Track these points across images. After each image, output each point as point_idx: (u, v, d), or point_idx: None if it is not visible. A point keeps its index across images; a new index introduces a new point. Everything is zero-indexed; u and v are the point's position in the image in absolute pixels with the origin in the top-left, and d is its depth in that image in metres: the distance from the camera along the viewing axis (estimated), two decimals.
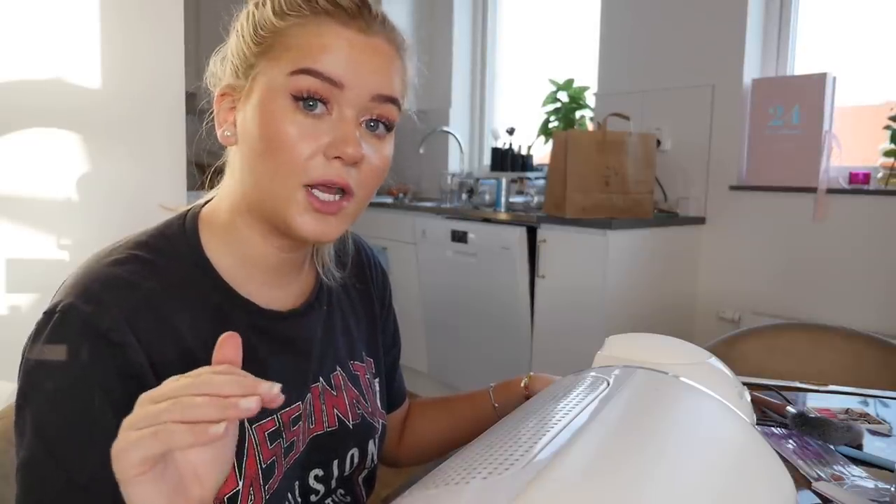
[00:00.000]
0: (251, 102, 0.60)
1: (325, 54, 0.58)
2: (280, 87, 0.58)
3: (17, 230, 1.15)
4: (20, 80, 1.15)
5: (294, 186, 0.59)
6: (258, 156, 0.59)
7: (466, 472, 0.48)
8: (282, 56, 0.59)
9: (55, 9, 1.17)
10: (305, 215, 0.59)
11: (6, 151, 1.14)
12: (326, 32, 0.59)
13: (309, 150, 0.58)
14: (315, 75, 0.58)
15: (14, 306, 1.13)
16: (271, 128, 0.58)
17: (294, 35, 0.59)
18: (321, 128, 0.58)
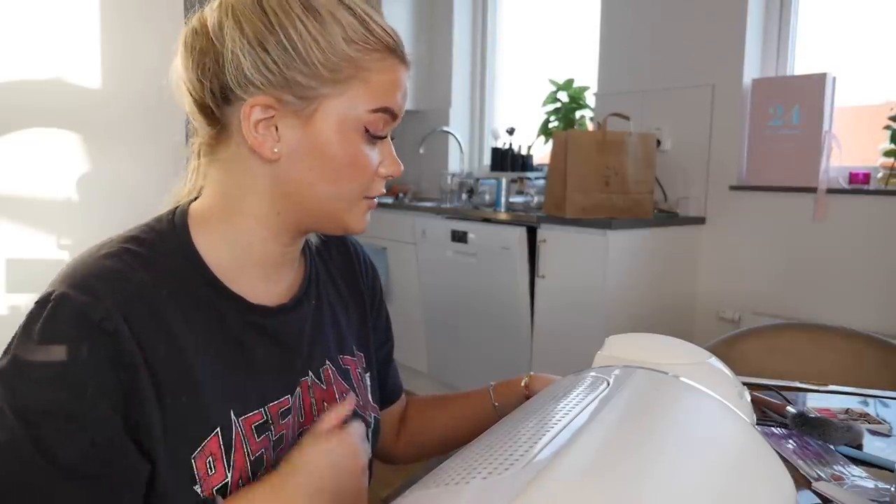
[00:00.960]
0: (315, 125, 0.62)
1: (397, 93, 0.65)
2: (357, 119, 0.63)
3: (17, 230, 1.15)
4: (20, 81, 1.15)
5: (357, 200, 0.67)
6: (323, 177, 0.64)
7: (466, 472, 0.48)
8: (360, 90, 0.62)
9: (55, 9, 1.17)
10: (362, 219, 0.68)
11: (6, 151, 1.14)
12: (395, 71, 0.64)
13: (371, 174, 0.66)
14: (389, 114, 0.65)
15: (14, 306, 1.13)
16: (345, 157, 0.63)
17: (375, 71, 0.63)
18: (374, 152, 0.66)
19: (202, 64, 0.63)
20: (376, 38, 0.62)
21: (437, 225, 2.86)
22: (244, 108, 0.61)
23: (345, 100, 0.62)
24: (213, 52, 0.62)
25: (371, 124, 0.63)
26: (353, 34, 0.61)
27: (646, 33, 2.72)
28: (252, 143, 0.62)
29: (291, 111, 0.61)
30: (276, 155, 0.63)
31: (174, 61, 0.66)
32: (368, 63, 0.62)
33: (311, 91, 0.61)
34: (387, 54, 0.63)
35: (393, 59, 0.64)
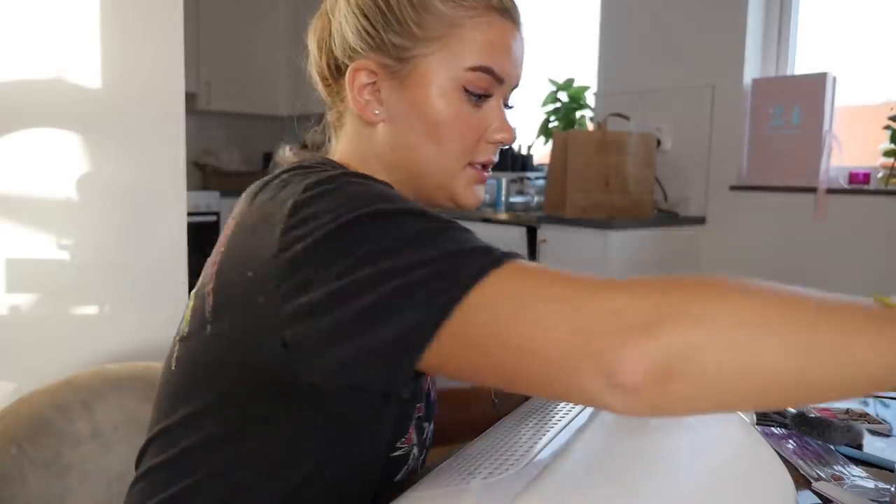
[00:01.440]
0: (412, 85, 0.62)
1: (499, 53, 0.62)
2: (454, 78, 0.61)
3: (17, 230, 1.15)
4: (20, 80, 1.15)
5: (462, 165, 0.64)
6: (428, 138, 0.63)
7: (467, 472, 0.48)
8: (455, 47, 0.60)
9: (55, 8, 1.17)
10: (470, 188, 0.66)
11: (6, 151, 1.14)
12: (496, 28, 0.61)
13: (476, 136, 0.63)
14: (489, 73, 0.61)
15: (14, 306, 1.13)
16: (444, 115, 0.61)
17: (469, 28, 0.60)
18: (481, 114, 0.63)
19: (321, 42, 0.67)
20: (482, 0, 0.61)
21: None
22: (348, 75, 0.63)
23: (440, 58, 0.61)
24: (328, 27, 0.66)
25: (470, 83, 0.61)
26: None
27: (646, 33, 2.72)
28: (356, 108, 0.64)
29: (391, 73, 0.62)
30: (377, 117, 0.64)
31: (309, 49, 0.70)
32: (463, 20, 0.60)
33: (406, 52, 0.61)
34: (487, 11, 0.61)
35: (493, 16, 0.61)
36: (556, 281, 0.44)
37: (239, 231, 0.58)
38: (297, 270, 0.49)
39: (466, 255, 0.46)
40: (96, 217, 1.23)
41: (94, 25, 1.21)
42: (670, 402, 0.39)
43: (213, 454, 0.57)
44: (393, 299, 0.45)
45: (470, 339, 0.44)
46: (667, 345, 0.38)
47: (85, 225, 1.22)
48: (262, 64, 4.31)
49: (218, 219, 3.88)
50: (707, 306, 0.39)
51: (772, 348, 0.38)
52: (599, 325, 0.40)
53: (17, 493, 0.76)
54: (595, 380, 0.40)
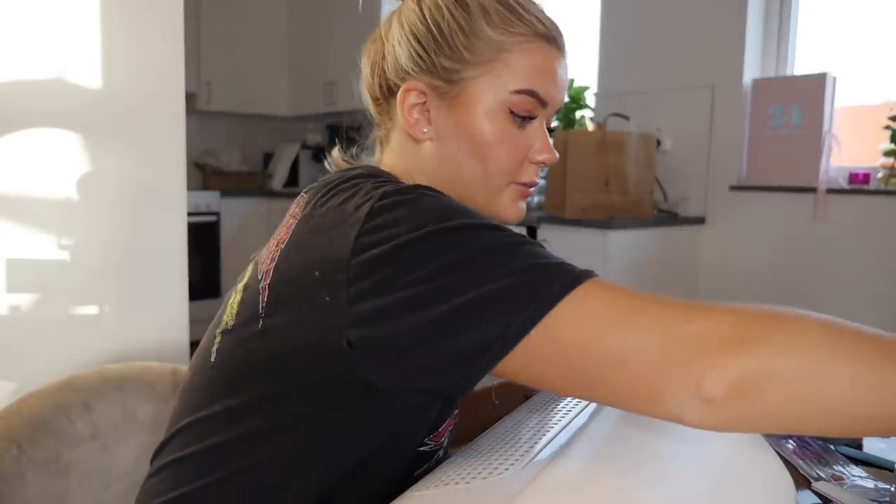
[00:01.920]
0: (460, 106, 0.65)
1: (544, 77, 0.64)
2: (500, 100, 0.64)
3: (17, 230, 1.15)
4: (20, 80, 1.15)
5: (506, 183, 0.67)
6: (473, 157, 0.65)
7: (466, 472, 0.48)
8: (501, 71, 0.63)
9: (55, 8, 1.17)
10: (514, 204, 0.69)
11: (6, 151, 1.14)
12: (542, 54, 0.64)
13: (520, 157, 0.66)
14: (533, 96, 0.64)
15: (14, 306, 1.13)
16: (490, 136, 0.64)
17: (516, 53, 0.63)
18: (525, 135, 0.66)
19: (374, 64, 0.70)
20: (522, 23, 0.64)
21: None
22: (399, 94, 0.66)
23: (487, 81, 0.64)
24: (381, 51, 0.69)
25: (515, 106, 0.64)
26: (497, 18, 0.63)
27: (646, 33, 2.72)
28: (406, 126, 0.67)
29: (440, 94, 0.65)
30: (425, 136, 0.66)
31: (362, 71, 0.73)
32: (510, 45, 0.63)
33: (455, 74, 0.64)
34: (534, 38, 0.64)
35: (540, 42, 0.64)
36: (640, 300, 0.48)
37: (306, 231, 0.59)
38: (372, 273, 0.50)
39: (552, 269, 0.49)
40: (96, 217, 1.23)
41: (95, 25, 1.21)
42: (745, 418, 0.43)
43: (250, 449, 0.57)
44: (474, 309, 0.48)
45: (555, 350, 0.47)
46: (748, 365, 0.43)
47: (85, 225, 1.22)
48: (262, 64, 4.31)
49: (218, 219, 3.87)
50: (786, 334, 0.44)
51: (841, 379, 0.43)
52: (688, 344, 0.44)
53: (17, 493, 0.76)
54: (680, 392, 0.43)
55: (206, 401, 0.61)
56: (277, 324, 0.56)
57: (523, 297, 0.47)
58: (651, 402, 0.45)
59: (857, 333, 0.45)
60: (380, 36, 0.70)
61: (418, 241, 0.50)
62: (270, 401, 0.57)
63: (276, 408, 0.57)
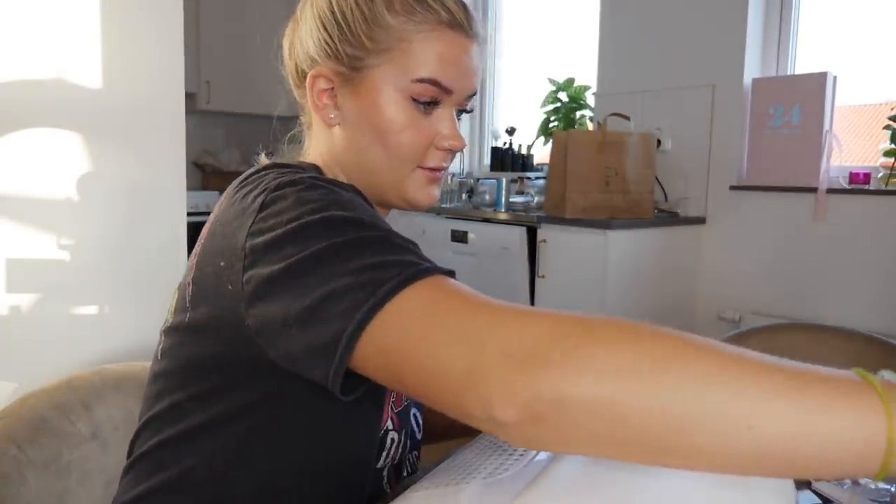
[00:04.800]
0: (363, 93, 0.65)
1: (445, 64, 0.64)
2: (401, 88, 0.64)
3: (17, 230, 1.15)
4: (20, 80, 1.15)
5: (411, 168, 0.67)
6: (376, 143, 0.66)
7: (466, 472, 0.48)
8: (402, 60, 0.63)
9: (55, 8, 1.17)
10: (423, 189, 0.69)
11: (6, 151, 1.14)
12: (445, 42, 0.64)
13: (425, 143, 0.66)
14: (436, 85, 0.64)
15: (14, 306, 1.13)
16: (395, 123, 0.65)
17: (416, 41, 0.63)
18: (430, 122, 0.66)
19: (291, 46, 0.72)
20: (425, 10, 0.63)
21: (437, 225, 2.86)
22: (308, 80, 0.68)
23: (388, 69, 0.64)
24: (296, 36, 0.71)
25: (417, 94, 0.64)
26: (399, 5, 0.63)
27: (646, 33, 2.72)
28: (315, 111, 0.69)
29: (345, 80, 0.66)
30: (333, 121, 0.68)
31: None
32: (411, 34, 0.63)
33: (358, 62, 0.65)
34: (436, 26, 0.63)
35: (443, 30, 0.64)
36: (467, 307, 0.46)
37: (217, 224, 0.61)
38: (257, 261, 0.53)
39: (389, 267, 0.49)
40: (96, 217, 1.23)
41: (95, 25, 1.21)
42: (541, 441, 0.42)
43: (196, 444, 0.59)
44: (324, 304, 0.48)
45: (385, 352, 0.46)
46: (543, 388, 0.40)
47: (85, 225, 1.22)
48: (261, 64, 4.29)
49: None
50: (594, 352, 0.41)
51: (649, 408, 0.38)
52: (490, 359, 0.42)
53: (17, 493, 0.76)
54: (478, 412, 0.42)
55: (157, 398, 0.63)
56: (200, 317, 0.58)
57: (360, 297, 0.47)
58: (466, 418, 0.44)
59: (689, 355, 0.40)
60: (296, 18, 0.72)
61: (292, 231, 0.52)
62: (209, 394, 0.59)
63: (214, 401, 0.58)
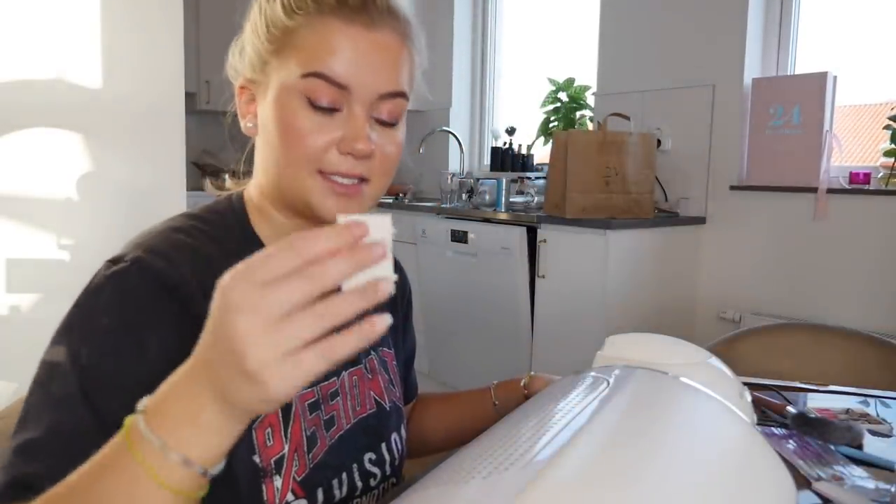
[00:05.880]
0: (268, 98, 0.63)
1: (332, 56, 0.59)
2: (293, 87, 0.61)
3: (17, 230, 1.15)
4: (21, 80, 1.15)
5: (309, 173, 0.62)
6: (275, 147, 0.63)
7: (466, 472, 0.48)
8: (292, 56, 0.61)
9: (56, 9, 1.17)
10: (328, 199, 0.62)
11: (6, 151, 1.14)
12: (332, 33, 0.60)
13: (322, 143, 0.61)
14: (323, 78, 0.60)
15: (14, 306, 1.13)
16: (286, 122, 0.61)
17: (302, 35, 0.60)
18: (334, 123, 0.61)
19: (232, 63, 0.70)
20: (314, 3, 0.60)
21: (437, 225, 2.86)
22: (236, 93, 0.68)
23: (283, 67, 0.62)
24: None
25: (310, 92, 0.60)
26: (293, 2, 0.61)
27: (646, 33, 2.72)
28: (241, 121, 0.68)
29: (258, 87, 0.65)
30: (251, 130, 0.67)
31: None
32: (301, 29, 0.60)
33: (265, 66, 0.64)
34: (323, 17, 0.60)
35: (331, 19, 0.60)
36: None
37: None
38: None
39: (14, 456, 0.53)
40: (96, 217, 1.23)
41: (94, 25, 1.21)
42: None
43: None
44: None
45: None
46: None
47: (85, 225, 1.22)
48: None
49: None
50: None
51: None
52: None
53: None
54: None
55: None
56: None
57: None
58: None
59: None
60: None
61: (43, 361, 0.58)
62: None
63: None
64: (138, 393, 0.45)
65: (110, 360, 0.55)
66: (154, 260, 0.58)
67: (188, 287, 0.57)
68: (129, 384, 0.52)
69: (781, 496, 0.46)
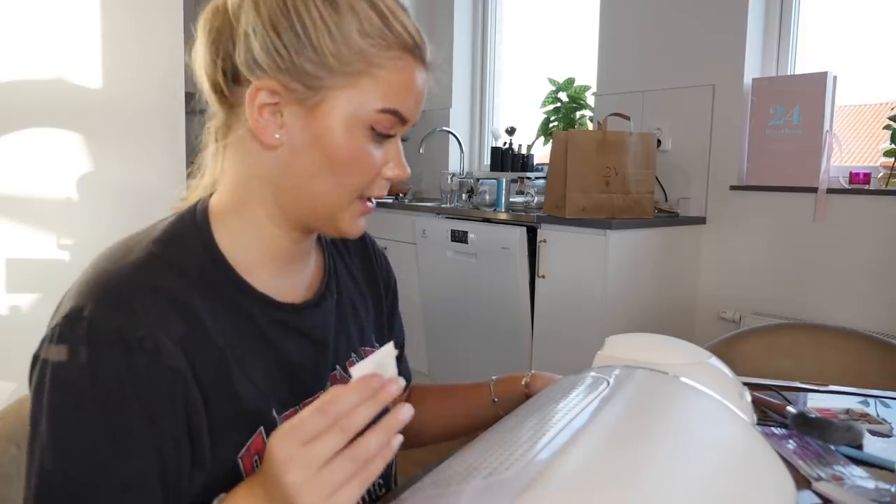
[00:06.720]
0: (319, 116, 0.60)
1: (408, 96, 0.62)
2: (362, 116, 0.60)
3: (17, 230, 1.15)
4: (21, 80, 1.15)
5: (353, 199, 0.64)
6: (324, 170, 0.62)
7: (467, 472, 0.48)
8: (370, 88, 0.60)
9: (56, 9, 1.17)
10: (356, 221, 0.66)
11: (6, 151, 1.14)
12: (411, 72, 0.62)
13: (374, 174, 0.64)
14: (398, 116, 0.62)
15: (14, 306, 1.13)
16: (347, 151, 0.61)
17: (385, 68, 0.60)
18: (380, 151, 0.64)
19: (217, 43, 0.62)
20: (394, 36, 0.60)
21: (437, 225, 2.86)
22: (250, 90, 0.60)
23: (352, 94, 0.59)
24: (228, 30, 0.61)
25: (378, 123, 0.61)
26: (370, 28, 0.59)
27: (646, 33, 2.72)
28: (254, 127, 0.61)
29: (297, 99, 0.60)
30: (277, 142, 0.61)
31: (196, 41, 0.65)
32: (382, 60, 0.59)
33: (318, 81, 0.59)
34: (404, 53, 0.61)
35: (410, 59, 0.61)
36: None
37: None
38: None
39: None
40: (96, 217, 1.23)
41: (94, 25, 1.21)
42: None
43: None
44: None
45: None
46: None
47: (85, 225, 1.22)
48: None
49: None
50: None
51: None
52: None
53: (18, 494, 0.76)
54: None
55: None
56: None
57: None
58: None
59: None
60: (225, 8, 0.62)
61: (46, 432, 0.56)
62: None
63: None
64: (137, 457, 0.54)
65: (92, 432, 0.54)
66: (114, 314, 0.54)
67: (153, 339, 0.55)
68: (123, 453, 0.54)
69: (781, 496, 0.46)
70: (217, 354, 0.60)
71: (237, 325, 0.63)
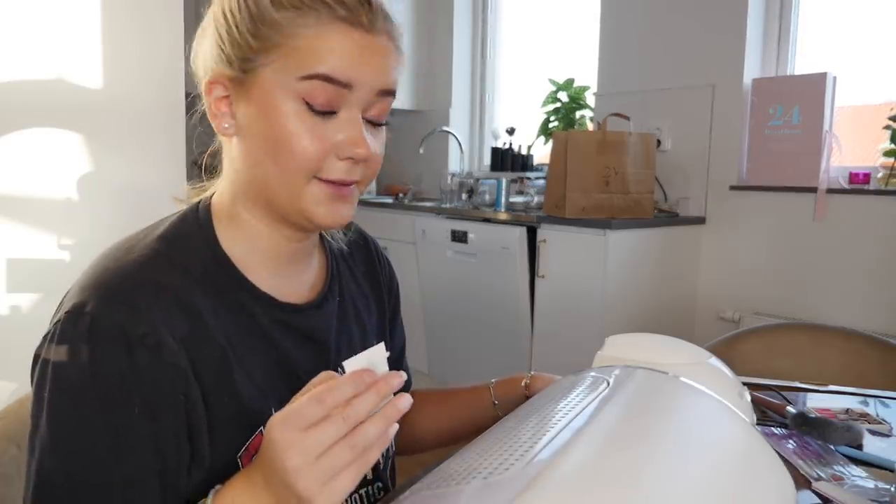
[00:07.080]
0: (254, 98, 0.60)
1: (335, 57, 0.58)
2: (289, 89, 0.58)
3: (17, 230, 1.15)
4: (21, 80, 1.15)
5: (306, 181, 0.61)
6: (267, 153, 0.60)
7: (467, 472, 0.48)
8: (289, 56, 0.58)
9: (56, 9, 1.17)
10: (322, 206, 0.62)
11: (6, 151, 1.14)
12: (334, 33, 0.58)
13: (321, 150, 0.60)
14: (326, 80, 0.58)
15: (14, 306, 1.13)
16: (282, 129, 0.59)
17: (301, 35, 0.58)
18: (330, 127, 0.60)
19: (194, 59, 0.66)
20: (314, 2, 0.58)
21: (437, 225, 2.86)
22: (203, 88, 0.63)
23: (276, 68, 0.58)
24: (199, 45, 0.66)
25: (308, 95, 0.58)
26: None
27: (646, 33, 2.72)
28: (211, 120, 0.63)
29: (238, 85, 0.61)
30: (228, 131, 0.63)
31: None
32: (297, 28, 0.58)
33: (248, 63, 0.59)
34: (323, 16, 0.58)
35: (331, 19, 0.58)
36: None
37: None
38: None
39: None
40: (96, 217, 1.23)
41: (94, 25, 1.21)
42: None
43: None
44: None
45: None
46: None
47: (85, 225, 1.22)
48: None
49: None
50: None
51: None
52: None
53: (18, 494, 0.76)
54: None
55: None
56: None
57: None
58: None
59: None
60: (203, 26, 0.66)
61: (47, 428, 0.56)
62: None
63: None
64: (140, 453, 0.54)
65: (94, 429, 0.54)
66: (117, 311, 0.54)
67: (155, 335, 0.55)
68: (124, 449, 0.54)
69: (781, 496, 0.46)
70: (218, 353, 0.60)
71: (239, 323, 0.63)
